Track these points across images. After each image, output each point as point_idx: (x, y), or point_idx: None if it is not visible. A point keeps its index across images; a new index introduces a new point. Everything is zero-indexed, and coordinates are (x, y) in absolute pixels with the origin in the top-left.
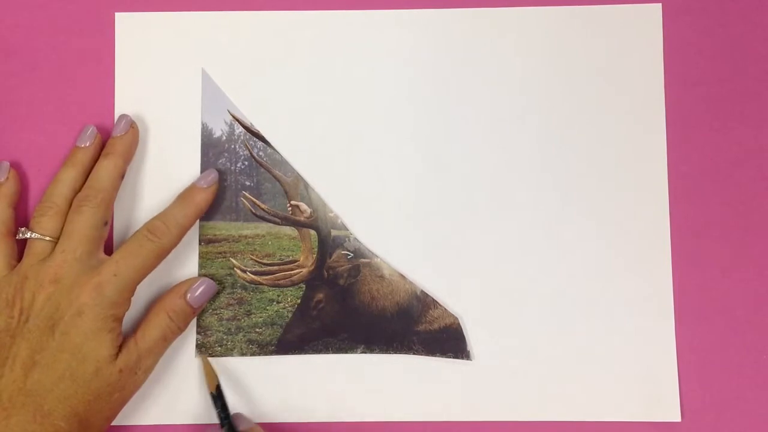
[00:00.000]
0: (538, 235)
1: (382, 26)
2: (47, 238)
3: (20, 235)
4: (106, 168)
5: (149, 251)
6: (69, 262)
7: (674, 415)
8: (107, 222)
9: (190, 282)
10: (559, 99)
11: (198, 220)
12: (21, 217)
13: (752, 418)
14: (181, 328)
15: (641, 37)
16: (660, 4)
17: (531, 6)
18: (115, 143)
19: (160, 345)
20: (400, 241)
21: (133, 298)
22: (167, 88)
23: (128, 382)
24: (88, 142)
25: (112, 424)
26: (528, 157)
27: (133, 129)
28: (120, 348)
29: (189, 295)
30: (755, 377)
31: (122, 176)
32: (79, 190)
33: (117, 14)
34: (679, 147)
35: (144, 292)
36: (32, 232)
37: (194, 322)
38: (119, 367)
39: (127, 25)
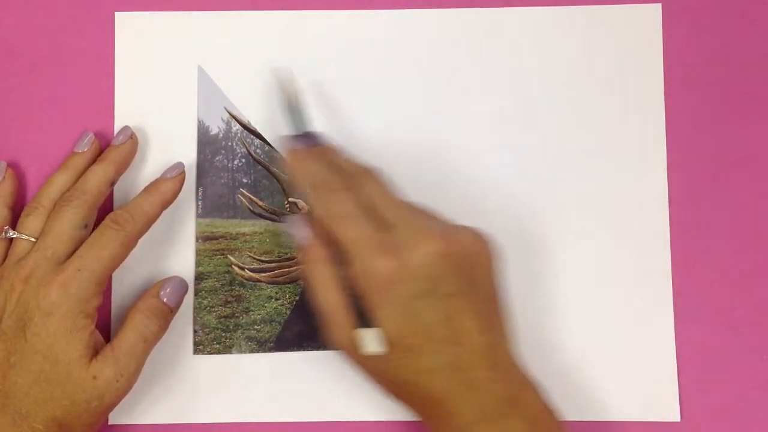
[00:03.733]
0: (537, 235)
1: (381, 26)
2: (30, 239)
3: (3, 234)
4: (95, 173)
5: (113, 241)
6: (39, 260)
7: (674, 415)
8: (88, 225)
9: (162, 282)
10: (559, 99)
11: (195, 218)
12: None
13: (752, 418)
14: (161, 328)
15: (641, 37)
16: (660, 4)
17: (531, 6)
18: (110, 151)
19: (140, 347)
20: None
21: (125, 301)
22: (167, 87)
23: (107, 390)
24: (85, 148)
25: (111, 423)
26: (527, 156)
27: (131, 140)
28: (97, 354)
29: (161, 293)
30: (755, 377)
31: (112, 184)
32: None
33: (117, 14)
34: (679, 147)
35: (141, 290)
36: (15, 231)
37: (192, 320)
38: (93, 374)
39: (127, 25)
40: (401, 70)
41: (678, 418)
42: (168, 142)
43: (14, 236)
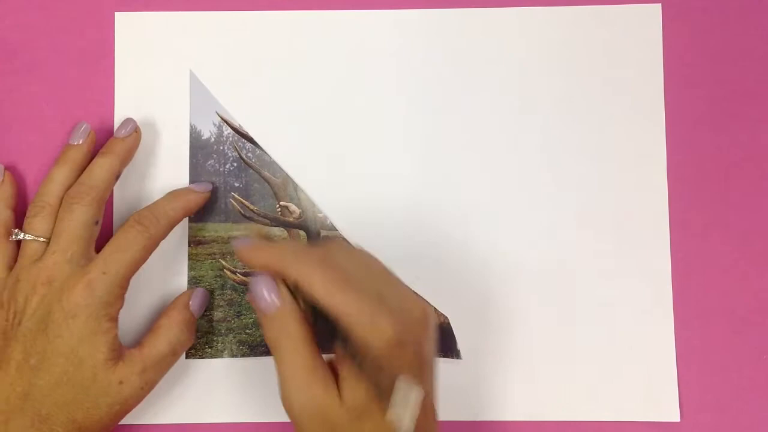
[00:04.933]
0: (535, 235)
1: (380, 26)
2: (40, 239)
3: (13, 236)
4: (101, 166)
5: (137, 243)
6: (60, 263)
7: (673, 416)
8: (98, 221)
9: (188, 293)
10: (559, 99)
11: (187, 223)
12: (21, 219)
13: (752, 418)
14: (190, 340)
15: (641, 37)
16: (660, 4)
17: (531, 6)
18: (114, 144)
19: (169, 359)
20: (389, 240)
21: (127, 303)
22: (163, 89)
23: (131, 395)
24: (80, 139)
25: None
26: (526, 156)
27: (136, 133)
28: (122, 359)
29: (191, 305)
30: (755, 377)
31: (117, 177)
32: None
33: (117, 14)
34: (679, 147)
35: (135, 294)
36: (25, 233)
37: None
38: (119, 378)
39: (127, 25)
40: (401, 71)
41: (678, 418)
42: (161, 146)
43: (27, 238)
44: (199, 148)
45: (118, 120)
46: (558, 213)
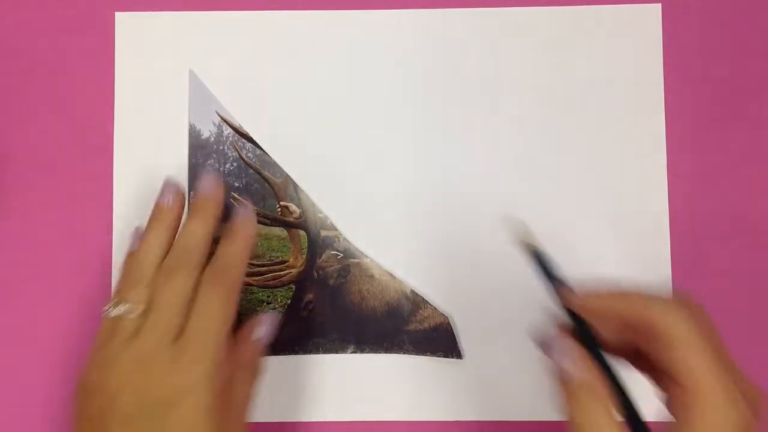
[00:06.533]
0: (536, 234)
1: (379, 26)
2: (136, 313)
3: (109, 311)
4: (194, 232)
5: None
6: (156, 344)
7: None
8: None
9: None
10: (559, 99)
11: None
12: (25, 229)
13: None
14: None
15: (641, 37)
16: (660, 4)
17: (531, 6)
18: (206, 204)
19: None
20: (389, 240)
21: None
22: (162, 89)
23: None
24: (170, 199)
25: None
26: (526, 157)
27: (219, 188)
28: None
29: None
30: (755, 378)
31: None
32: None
33: (117, 14)
34: (679, 147)
35: None
36: (122, 305)
37: None
38: None
39: (127, 25)
40: (401, 70)
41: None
42: (160, 146)
43: (123, 312)
44: (198, 148)
45: (117, 120)
46: (558, 213)
